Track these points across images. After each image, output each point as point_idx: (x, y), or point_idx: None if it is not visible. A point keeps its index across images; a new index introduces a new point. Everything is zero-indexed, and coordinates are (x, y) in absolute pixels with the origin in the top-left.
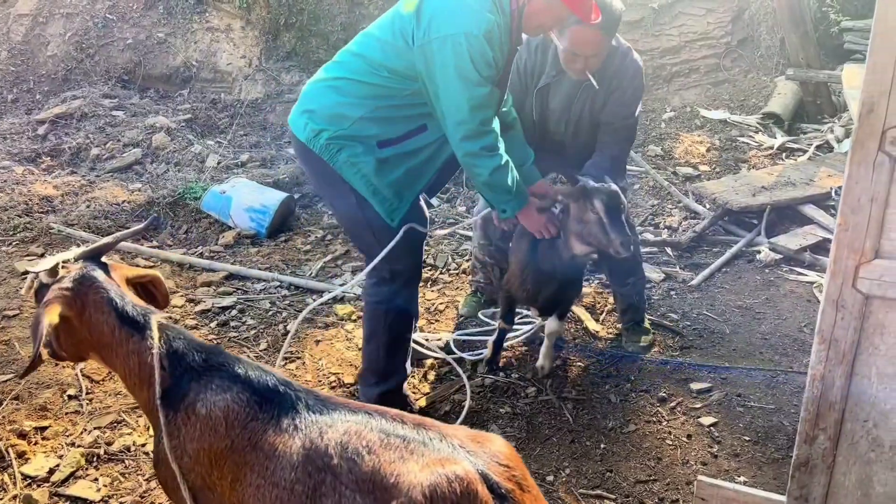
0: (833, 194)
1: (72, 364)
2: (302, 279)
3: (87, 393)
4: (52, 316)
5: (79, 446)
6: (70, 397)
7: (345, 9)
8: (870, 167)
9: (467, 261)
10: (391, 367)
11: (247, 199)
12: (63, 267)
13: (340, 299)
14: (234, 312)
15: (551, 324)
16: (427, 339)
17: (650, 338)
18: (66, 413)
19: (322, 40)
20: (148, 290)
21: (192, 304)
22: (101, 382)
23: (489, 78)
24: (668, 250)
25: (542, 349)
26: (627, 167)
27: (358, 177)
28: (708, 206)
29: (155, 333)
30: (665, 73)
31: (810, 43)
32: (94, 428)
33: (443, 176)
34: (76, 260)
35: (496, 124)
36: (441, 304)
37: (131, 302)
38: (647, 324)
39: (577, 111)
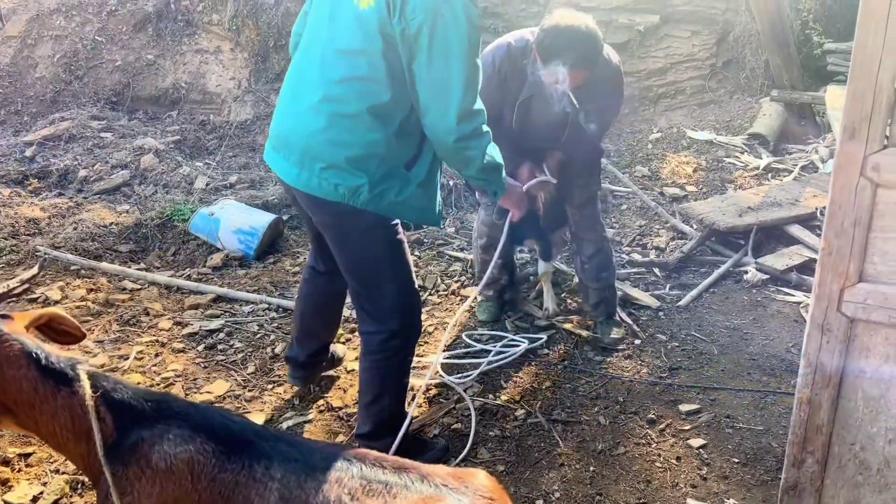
0: (818, 214)
1: None
2: (290, 301)
3: None
4: None
5: (63, 473)
6: None
7: None
8: (852, 192)
9: (456, 282)
10: (402, 415)
11: (235, 220)
12: None
13: None
14: (221, 335)
15: (541, 266)
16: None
17: (622, 330)
18: None
19: None
20: (54, 328)
21: (179, 328)
22: None
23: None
24: (656, 271)
25: (545, 294)
26: (614, 187)
27: (405, 210)
28: (695, 226)
29: (86, 383)
30: (651, 94)
31: (794, 65)
32: None
33: None
34: None
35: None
36: (430, 325)
37: (52, 352)
38: (618, 316)
39: (564, 124)
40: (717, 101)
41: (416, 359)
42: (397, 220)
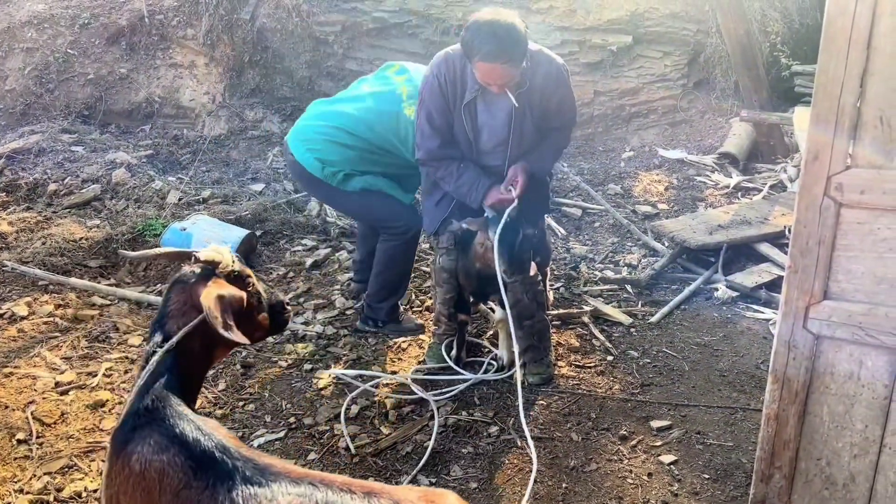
0: (787, 232)
1: (21, 407)
2: None
3: (38, 437)
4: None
5: (27, 493)
6: (19, 441)
7: (309, 47)
8: (816, 211)
9: (431, 298)
10: (401, 286)
11: (207, 235)
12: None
13: (302, 337)
14: None
15: (498, 313)
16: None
17: (550, 370)
18: (15, 458)
19: (286, 77)
20: None
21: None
22: (52, 426)
23: None
24: (629, 287)
25: (500, 342)
26: (587, 204)
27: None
28: (667, 243)
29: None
30: (624, 113)
31: (762, 86)
32: (44, 473)
33: None
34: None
35: None
36: (404, 342)
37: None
38: (550, 357)
39: (517, 124)
40: (688, 121)
41: (389, 376)
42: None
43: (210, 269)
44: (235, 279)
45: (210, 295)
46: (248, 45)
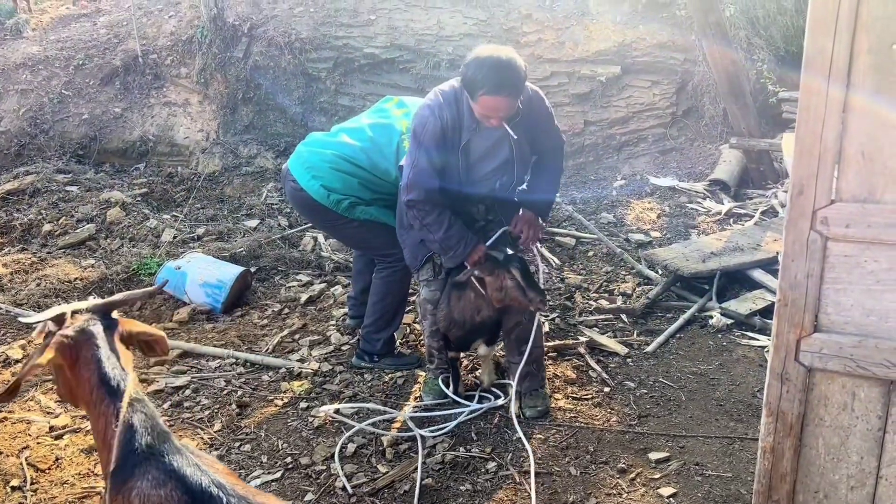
0: (779, 258)
1: (15, 453)
2: (258, 355)
3: (32, 483)
4: (44, 357)
5: None
6: (13, 488)
7: (302, 83)
8: (804, 245)
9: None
10: (397, 317)
11: (202, 274)
12: (73, 316)
13: (297, 375)
14: (187, 392)
15: (481, 350)
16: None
17: (547, 402)
18: None
19: (280, 114)
20: (150, 345)
21: (144, 385)
22: (46, 472)
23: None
24: (624, 317)
25: (482, 368)
26: (580, 233)
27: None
28: (660, 271)
29: (125, 403)
30: (615, 142)
31: (750, 113)
32: None
33: None
34: (87, 311)
35: None
36: (400, 377)
37: (116, 364)
38: (546, 389)
39: (504, 157)
40: (678, 149)
41: (386, 413)
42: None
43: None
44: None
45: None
46: (242, 83)
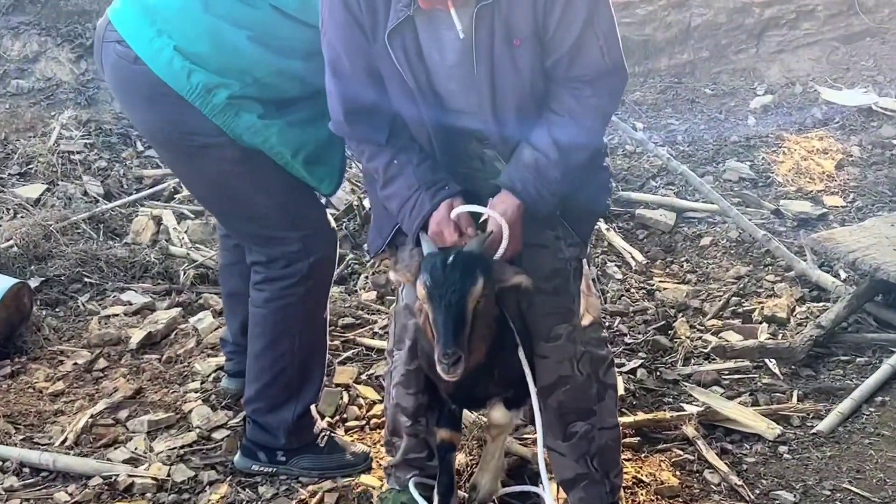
0: None
1: None
2: (46, 453)
3: None
4: None
5: None
6: None
7: None
8: None
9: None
10: (311, 373)
11: None
12: None
13: (126, 489)
14: None
15: (495, 414)
16: None
17: None
18: None
19: None
20: None
21: None
22: None
23: None
24: (772, 364)
25: (483, 456)
26: (684, 202)
27: None
28: (843, 273)
29: None
30: (751, 22)
31: None
32: None
33: None
34: None
35: None
36: (330, 490)
37: None
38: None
39: (484, 66)
40: (875, 32)
41: None
42: None
43: None
44: None
45: None
46: None
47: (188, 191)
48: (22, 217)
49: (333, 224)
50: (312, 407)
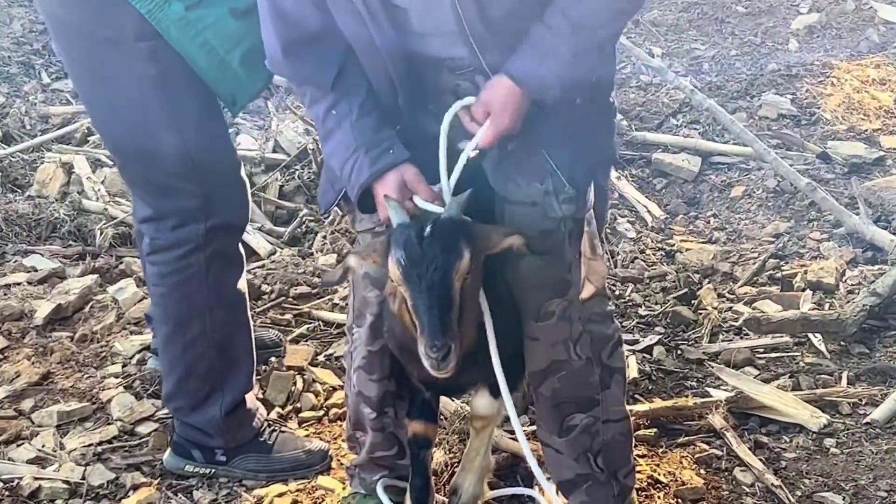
0: None
1: None
2: None
3: None
4: None
5: None
6: None
7: None
8: None
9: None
10: (236, 360)
11: None
12: None
13: (31, 495)
14: None
15: (479, 402)
16: None
17: None
18: None
19: None
20: None
21: None
22: None
23: None
24: (816, 340)
25: (466, 453)
26: (712, 143)
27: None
28: None
29: None
30: None
31: None
32: None
33: None
34: None
35: None
36: (281, 493)
37: None
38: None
39: None
40: None
41: None
42: None
43: None
44: None
45: None
46: None
47: (85, 107)
48: None
49: (245, 179)
50: (247, 396)
